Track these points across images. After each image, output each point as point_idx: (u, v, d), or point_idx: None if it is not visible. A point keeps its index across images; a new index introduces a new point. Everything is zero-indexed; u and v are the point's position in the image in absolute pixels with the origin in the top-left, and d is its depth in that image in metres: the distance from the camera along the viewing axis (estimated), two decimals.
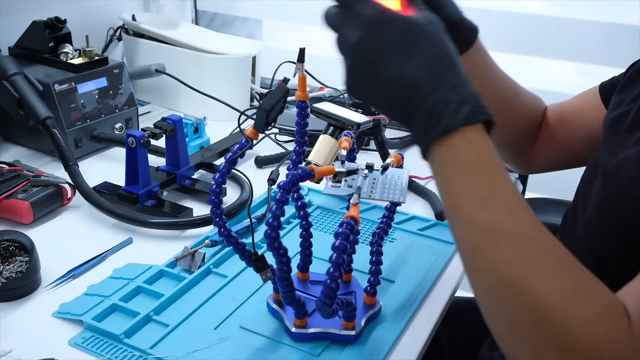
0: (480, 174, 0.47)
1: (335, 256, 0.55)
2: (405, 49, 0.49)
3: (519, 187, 1.13)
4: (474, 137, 0.47)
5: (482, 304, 0.47)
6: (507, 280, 0.44)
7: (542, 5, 1.40)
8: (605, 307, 0.43)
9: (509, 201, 0.47)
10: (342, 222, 0.56)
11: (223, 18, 1.73)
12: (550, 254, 0.45)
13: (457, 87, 0.47)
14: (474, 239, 0.46)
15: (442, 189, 0.49)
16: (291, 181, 0.56)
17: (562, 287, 0.43)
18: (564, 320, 0.42)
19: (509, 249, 0.45)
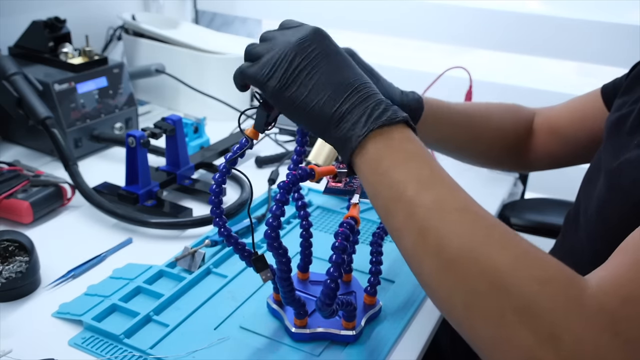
0: (419, 162, 0.49)
1: (335, 256, 0.55)
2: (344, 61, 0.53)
3: (519, 187, 1.13)
4: (408, 132, 0.51)
5: (436, 289, 0.46)
6: (460, 253, 0.44)
7: (543, 5, 1.41)
8: (559, 270, 0.42)
9: (450, 183, 0.48)
10: (343, 222, 0.56)
11: (223, 18, 1.73)
12: (498, 225, 0.45)
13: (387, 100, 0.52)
14: (421, 220, 0.46)
15: (379, 182, 0.49)
16: (291, 181, 0.56)
17: (515, 252, 0.43)
18: (519, 282, 0.41)
19: (458, 223, 0.45)
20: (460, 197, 0.47)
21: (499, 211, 1.03)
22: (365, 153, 0.50)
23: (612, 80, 0.78)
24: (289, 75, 0.52)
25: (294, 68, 0.52)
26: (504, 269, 0.42)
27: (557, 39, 1.32)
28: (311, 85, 0.52)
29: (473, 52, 1.53)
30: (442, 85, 1.06)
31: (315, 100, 0.51)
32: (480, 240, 0.44)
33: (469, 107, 0.81)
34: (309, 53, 0.52)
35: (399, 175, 0.48)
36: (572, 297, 0.40)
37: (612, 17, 1.26)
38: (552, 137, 0.84)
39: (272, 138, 1.18)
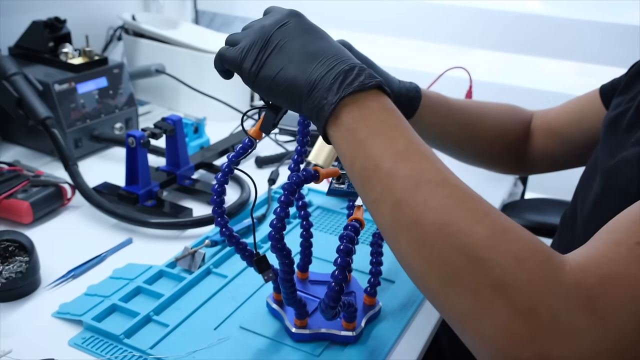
0: (395, 131, 0.48)
1: (340, 259, 0.54)
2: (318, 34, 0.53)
3: (519, 187, 1.13)
4: (384, 99, 0.49)
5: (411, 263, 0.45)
6: (436, 227, 0.43)
7: (542, 5, 1.41)
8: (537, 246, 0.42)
9: (428, 153, 0.47)
10: (347, 224, 0.56)
11: (223, 18, 1.73)
12: (475, 198, 0.45)
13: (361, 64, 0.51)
14: (397, 192, 0.45)
15: (355, 153, 0.48)
16: (296, 183, 0.56)
17: (492, 226, 0.42)
18: (496, 257, 0.41)
19: (435, 196, 0.44)
20: (437, 169, 0.46)
21: None
22: (340, 123, 0.49)
23: (611, 81, 0.78)
24: (262, 54, 0.52)
25: (266, 48, 0.52)
26: (481, 244, 0.41)
27: (557, 39, 1.32)
28: (283, 61, 0.51)
29: (472, 52, 1.53)
30: (442, 85, 1.06)
31: (288, 74, 0.51)
32: (457, 215, 0.43)
33: (466, 103, 0.82)
34: (282, 32, 0.52)
35: (375, 146, 0.47)
36: (549, 273, 0.40)
37: (611, 17, 1.27)
38: (550, 137, 0.84)
39: (272, 138, 1.18)
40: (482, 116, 0.82)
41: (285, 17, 0.54)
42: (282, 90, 0.52)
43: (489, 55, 1.52)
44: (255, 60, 0.52)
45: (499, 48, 1.42)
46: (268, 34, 0.53)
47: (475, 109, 0.82)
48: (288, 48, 0.52)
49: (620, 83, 0.73)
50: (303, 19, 0.54)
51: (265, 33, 0.53)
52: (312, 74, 0.50)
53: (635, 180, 0.57)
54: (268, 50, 0.52)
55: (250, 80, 0.53)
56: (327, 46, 0.52)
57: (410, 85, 0.73)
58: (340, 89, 0.48)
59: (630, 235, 0.42)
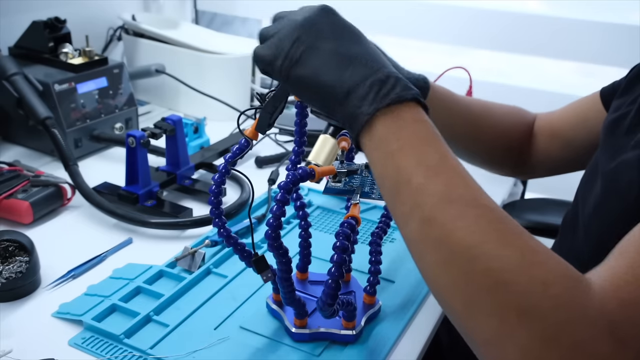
0: (429, 146, 0.47)
1: (336, 256, 0.55)
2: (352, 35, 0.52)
3: (519, 187, 1.13)
4: (419, 111, 0.48)
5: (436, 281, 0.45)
6: (464, 246, 0.42)
7: (542, 5, 1.41)
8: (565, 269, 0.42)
9: (460, 169, 0.47)
10: (343, 221, 0.56)
11: (223, 18, 1.73)
12: (505, 219, 0.44)
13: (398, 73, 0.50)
14: (427, 208, 0.44)
15: (386, 164, 0.47)
16: (291, 181, 0.56)
17: (520, 249, 0.42)
18: (523, 281, 0.40)
19: (464, 215, 0.43)
20: (469, 186, 0.45)
21: None
22: (374, 133, 0.48)
23: (611, 83, 0.78)
24: (294, 52, 0.51)
25: (298, 45, 0.51)
26: (508, 267, 0.41)
27: (557, 39, 1.32)
28: (317, 61, 0.50)
29: (473, 52, 1.53)
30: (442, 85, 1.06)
31: (321, 76, 0.50)
32: (486, 236, 0.42)
33: (472, 100, 0.81)
34: (315, 29, 0.51)
35: (408, 159, 0.46)
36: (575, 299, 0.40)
37: (612, 17, 1.27)
38: (553, 140, 0.84)
39: (272, 138, 1.18)
40: (487, 114, 0.82)
41: (317, 13, 0.52)
42: (315, 93, 0.51)
43: (489, 55, 1.52)
44: (286, 58, 0.51)
45: (500, 48, 1.42)
46: (298, 31, 0.51)
47: (480, 107, 0.82)
48: (321, 49, 0.50)
49: (620, 85, 0.73)
50: (336, 16, 0.53)
51: (295, 29, 0.51)
52: (346, 81, 0.49)
53: (636, 183, 0.57)
54: (300, 49, 0.51)
55: (282, 78, 0.52)
56: (362, 50, 0.51)
57: (418, 76, 0.73)
58: (375, 100, 0.47)
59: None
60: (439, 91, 0.75)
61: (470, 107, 0.80)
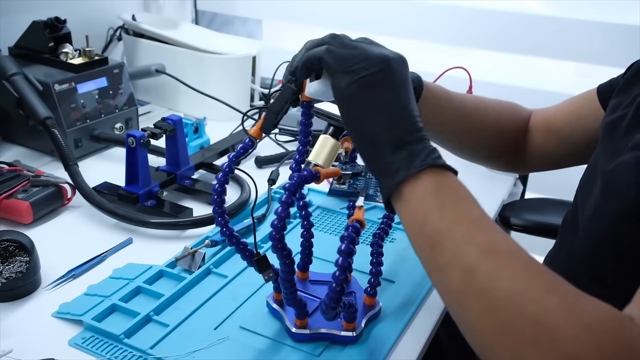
0: (470, 204, 0.49)
1: (341, 260, 0.54)
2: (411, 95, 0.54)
3: (519, 187, 1.13)
4: (455, 176, 0.51)
5: (480, 332, 0.45)
6: (509, 294, 0.43)
7: (542, 5, 1.41)
8: (607, 313, 0.42)
9: (498, 227, 0.49)
10: (348, 225, 0.56)
11: (223, 18, 1.73)
12: (546, 271, 0.45)
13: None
14: (471, 257, 0.45)
15: (427, 216, 0.49)
16: (297, 183, 0.56)
17: (563, 296, 0.43)
18: (568, 327, 0.41)
19: (508, 265, 0.44)
20: (510, 241, 0.47)
21: (498, 211, 1.03)
22: (419, 184, 0.50)
23: (608, 80, 0.78)
24: (368, 79, 0.52)
25: (376, 76, 0.52)
26: (553, 314, 0.41)
27: (557, 39, 1.32)
28: (382, 102, 0.52)
29: (473, 52, 1.53)
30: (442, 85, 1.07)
31: (380, 119, 0.52)
32: (530, 283, 0.43)
33: (467, 97, 0.82)
34: (394, 73, 0.53)
35: (450, 213, 0.48)
36: (619, 344, 0.40)
37: (612, 18, 1.26)
38: (548, 136, 0.84)
39: (272, 138, 1.18)
40: (482, 111, 0.82)
41: (397, 58, 0.54)
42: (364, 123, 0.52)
43: (489, 56, 1.52)
44: (366, 76, 0.52)
45: (499, 48, 1.41)
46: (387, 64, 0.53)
47: (475, 104, 0.82)
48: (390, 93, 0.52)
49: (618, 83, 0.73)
50: (407, 71, 0.55)
51: (386, 61, 0.53)
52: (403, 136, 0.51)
53: (634, 185, 0.57)
54: (381, 77, 0.52)
55: (339, 90, 0.53)
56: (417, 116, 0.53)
57: (412, 75, 0.73)
58: (428, 158, 0.50)
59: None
60: (433, 90, 0.75)
61: (465, 104, 0.80)
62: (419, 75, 0.74)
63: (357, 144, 0.54)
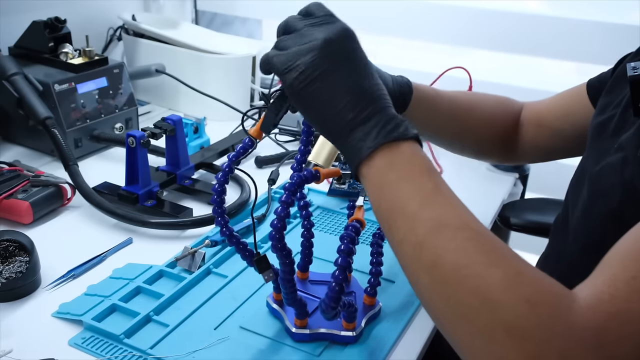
0: (423, 177, 0.50)
1: (341, 259, 0.54)
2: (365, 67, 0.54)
3: (519, 187, 1.13)
4: (416, 147, 0.52)
5: (429, 302, 0.47)
6: (454, 268, 0.45)
7: (542, 5, 1.41)
8: (549, 286, 0.43)
9: (452, 199, 0.49)
10: (348, 225, 0.56)
11: (223, 18, 1.73)
12: (493, 242, 0.46)
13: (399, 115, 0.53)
14: (420, 234, 0.47)
15: (382, 193, 0.50)
16: (297, 183, 0.56)
17: (506, 269, 0.44)
18: (509, 300, 0.42)
19: (454, 239, 0.46)
20: (459, 213, 0.48)
21: (498, 211, 1.03)
22: (373, 164, 0.51)
23: (598, 75, 0.79)
24: (310, 72, 0.52)
25: (316, 66, 0.52)
26: (495, 287, 0.43)
27: (557, 39, 1.32)
28: (331, 88, 0.52)
29: (473, 52, 1.53)
30: (442, 85, 1.06)
31: (333, 104, 0.52)
32: (474, 257, 0.44)
33: (455, 96, 0.82)
34: (334, 54, 0.52)
35: (403, 189, 0.49)
36: (559, 316, 0.41)
37: (612, 18, 1.26)
38: (539, 130, 0.85)
39: (272, 138, 1.18)
40: (471, 108, 0.83)
41: (339, 36, 0.53)
42: (320, 116, 0.53)
43: (490, 56, 1.52)
44: (301, 75, 0.52)
45: (499, 48, 1.41)
46: (318, 52, 0.52)
47: (464, 101, 0.82)
48: (337, 77, 0.52)
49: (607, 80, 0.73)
50: (355, 43, 0.54)
51: (315, 48, 0.52)
52: (357, 116, 0.51)
53: (619, 186, 0.57)
54: (317, 72, 0.52)
55: (292, 92, 0.53)
56: (371, 85, 0.53)
57: (402, 80, 0.74)
58: (379, 136, 0.50)
59: (625, 270, 0.43)
60: (422, 90, 0.76)
61: (455, 103, 0.81)
62: (408, 79, 0.75)
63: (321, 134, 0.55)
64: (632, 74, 0.59)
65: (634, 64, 0.60)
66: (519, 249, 1.76)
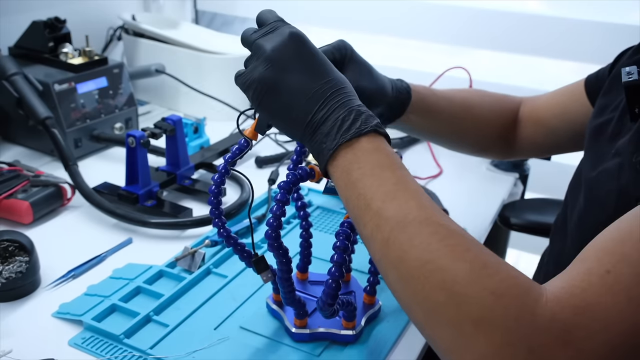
0: (386, 172, 0.50)
1: (336, 256, 0.55)
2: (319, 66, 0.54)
3: (519, 187, 1.13)
4: (378, 141, 0.52)
5: (399, 297, 0.48)
6: (419, 264, 0.45)
7: (542, 5, 1.41)
8: (515, 278, 0.43)
9: (415, 192, 0.49)
10: (343, 221, 0.56)
11: (223, 18, 1.73)
12: (457, 235, 0.46)
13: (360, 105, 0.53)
14: (385, 231, 0.47)
15: (349, 192, 0.51)
16: (291, 181, 0.56)
17: (471, 262, 0.44)
18: (475, 292, 0.42)
19: (419, 234, 0.46)
20: (423, 207, 0.48)
21: (499, 211, 1.03)
22: (336, 164, 0.51)
23: (596, 72, 0.79)
24: (263, 86, 0.53)
25: (267, 78, 0.53)
26: (460, 280, 0.43)
27: (557, 39, 1.32)
28: (283, 96, 0.53)
29: (473, 52, 1.53)
30: (442, 85, 1.06)
31: (290, 110, 0.53)
32: (439, 252, 0.45)
33: (453, 95, 0.82)
34: (282, 61, 0.53)
35: (367, 186, 0.49)
36: (525, 307, 0.41)
37: (612, 18, 1.26)
38: (536, 127, 0.86)
39: (272, 138, 1.18)
40: (469, 107, 0.83)
41: (286, 42, 0.53)
42: (284, 123, 0.54)
43: (491, 55, 1.52)
44: (256, 90, 0.54)
45: (499, 48, 1.41)
46: (268, 64, 0.53)
47: (462, 101, 0.83)
48: (288, 83, 0.53)
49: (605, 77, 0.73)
50: (304, 45, 0.54)
51: (265, 61, 0.53)
52: (314, 117, 0.52)
53: (614, 192, 0.57)
54: (268, 84, 0.53)
55: (255, 106, 0.56)
56: (326, 84, 0.53)
57: (401, 85, 0.74)
58: (337, 135, 0.51)
59: (600, 263, 0.43)
60: (420, 93, 0.77)
61: (453, 102, 0.81)
62: (408, 84, 0.75)
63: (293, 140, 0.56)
64: (627, 80, 0.59)
65: (629, 68, 0.59)
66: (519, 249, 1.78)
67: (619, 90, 0.67)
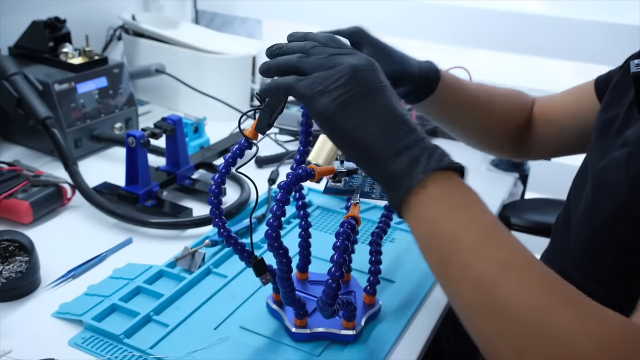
0: (479, 209, 0.48)
1: (336, 256, 0.55)
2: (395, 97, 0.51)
3: (519, 187, 1.13)
4: (462, 181, 0.49)
5: (494, 348, 0.43)
6: (527, 315, 0.42)
7: (542, 5, 1.41)
8: (617, 326, 0.42)
9: (509, 235, 0.46)
10: (343, 221, 0.56)
11: (223, 18, 1.73)
12: (560, 282, 0.44)
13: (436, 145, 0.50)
14: (484, 272, 0.44)
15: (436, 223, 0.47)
16: (291, 181, 0.56)
17: (577, 310, 0.42)
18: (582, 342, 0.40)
19: (524, 282, 0.43)
20: (522, 250, 0.45)
21: (499, 211, 1.03)
22: (425, 192, 0.47)
23: (607, 73, 0.79)
24: (347, 94, 0.49)
25: (353, 88, 0.49)
26: (566, 328, 0.41)
27: (557, 39, 1.32)
28: (368, 111, 0.49)
29: (473, 52, 1.53)
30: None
31: (369, 130, 0.49)
32: (548, 301, 0.42)
33: (479, 87, 0.83)
34: (369, 78, 0.50)
35: (459, 218, 0.46)
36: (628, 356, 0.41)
37: (612, 17, 1.26)
38: (547, 128, 0.86)
39: (272, 138, 1.18)
40: (492, 101, 0.84)
41: (367, 63, 0.51)
42: (356, 141, 0.50)
43: (491, 55, 1.52)
44: (336, 99, 0.49)
45: (500, 48, 1.41)
46: (350, 76, 0.49)
47: (486, 93, 0.83)
48: (375, 101, 0.50)
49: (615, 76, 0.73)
50: (381, 74, 0.52)
51: (348, 73, 0.49)
52: (399, 140, 0.48)
53: (624, 181, 0.57)
54: (355, 93, 0.49)
55: (322, 116, 0.50)
56: (407, 113, 0.50)
57: (429, 66, 0.73)
58: (430, 161, 0.47)
59: None
60: (449, 80, 0.76)
61: (479, 94, 0.81)
62: (437, 66, 0.74)
63: (354, 160, 0.52)
64: (636, 70, 0.58)
65: (638, 60, 0.59)
66: None
67: (626, 86, 0.67)
